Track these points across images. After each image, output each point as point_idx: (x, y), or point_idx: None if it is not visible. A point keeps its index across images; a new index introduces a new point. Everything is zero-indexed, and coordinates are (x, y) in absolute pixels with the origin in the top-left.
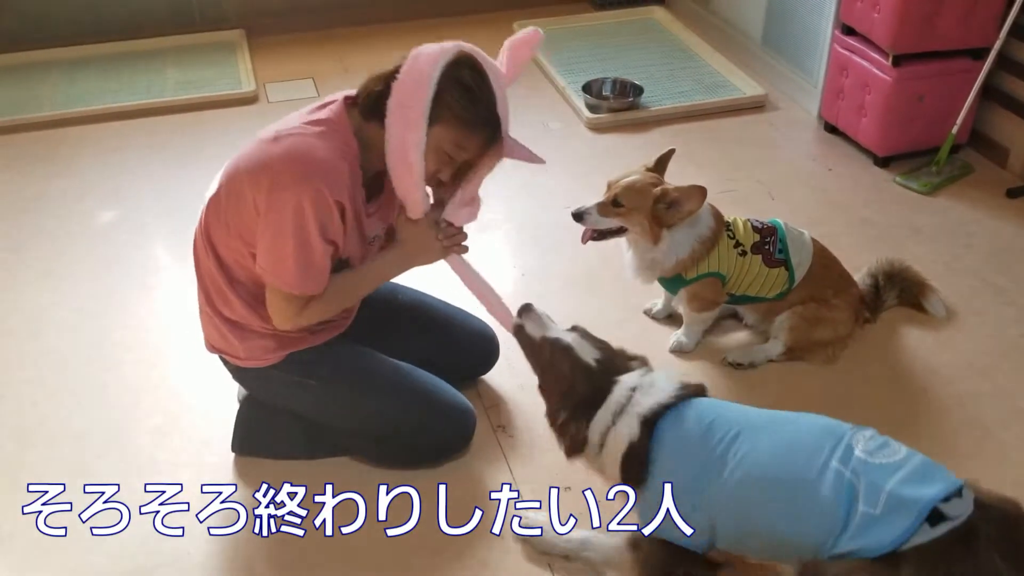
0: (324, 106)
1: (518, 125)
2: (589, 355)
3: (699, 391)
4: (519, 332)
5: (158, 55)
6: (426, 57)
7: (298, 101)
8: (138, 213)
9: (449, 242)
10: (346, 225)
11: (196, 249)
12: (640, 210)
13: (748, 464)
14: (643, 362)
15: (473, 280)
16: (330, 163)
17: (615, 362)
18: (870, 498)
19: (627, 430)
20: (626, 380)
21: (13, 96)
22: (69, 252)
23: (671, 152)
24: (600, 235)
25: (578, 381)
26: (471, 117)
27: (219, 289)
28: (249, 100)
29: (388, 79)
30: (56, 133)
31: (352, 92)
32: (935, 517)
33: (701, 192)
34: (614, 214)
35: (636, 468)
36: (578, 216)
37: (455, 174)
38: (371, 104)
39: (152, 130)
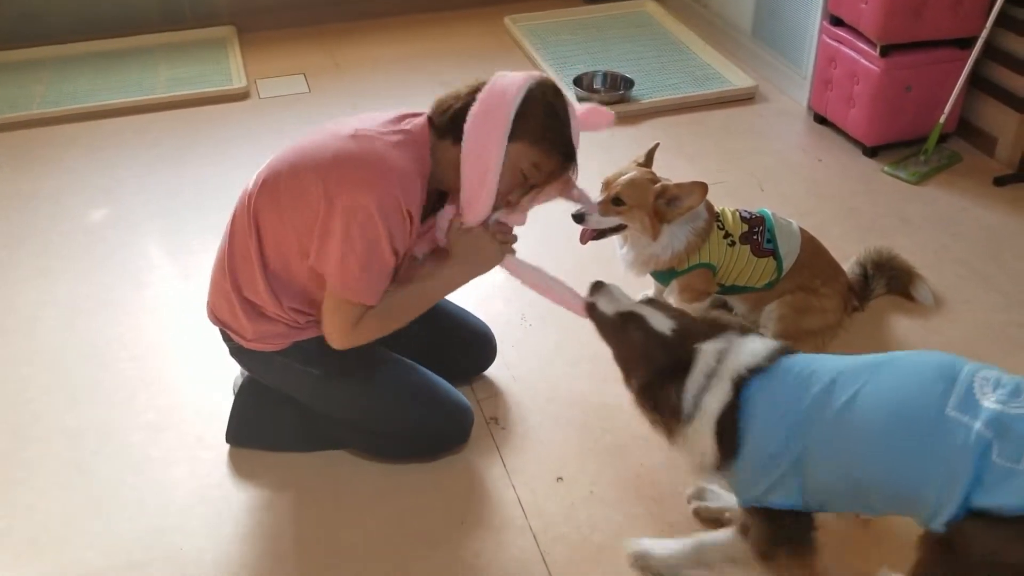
0: (406, 117)
1: None
2: (664, 325)
3: (790, 350)
4: (592, 311)
5: (149, 52)
6: (512, 77)
7: (289, 97)
8: (131, 210)
9: (504, 245)
10: (411, 236)
11: (236, 224)
12: (641, 207)
13: (853, 411)
14: (738, 327)
15: (534, 277)
16: (406, 172)
17: (694, 330)
18: (1009, 450)
19: (719, 394)
20: (709, 346)
21: (5, 94)
22: (62, 250)
23: (656, 146)
24: (599, 234)
25: (653, 351)
26: (552, 137)
27: (249, 271)
28: (240, 96)
29: (468, 97)
30: (48, 131)
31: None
32: None
33: (702, 188)
34: (615, 212)
35: (731, 434)
36: (579, 217)
37: (520, 197)
38: (448, 120)
39: (144, 127)
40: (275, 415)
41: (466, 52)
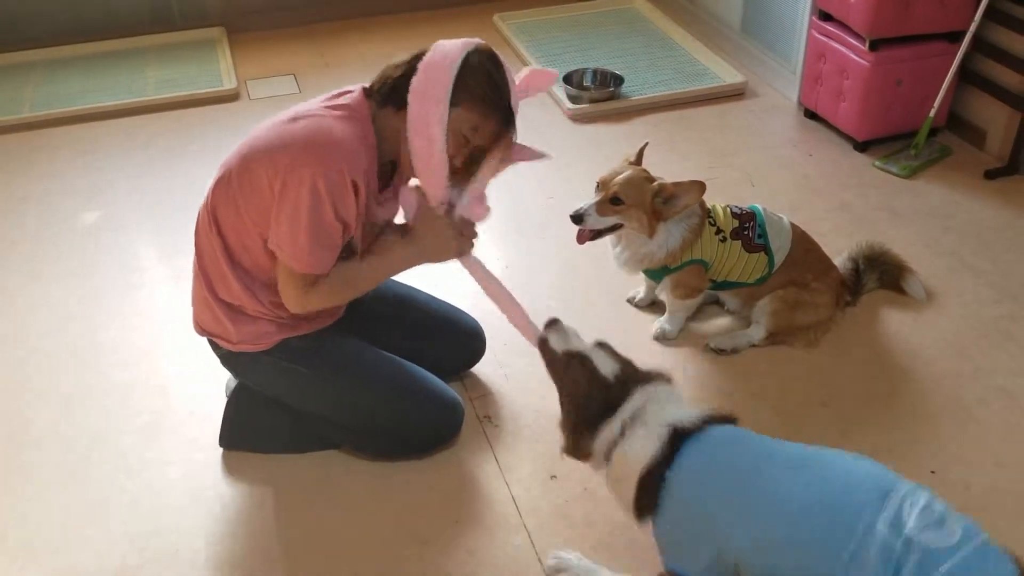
0: (343, 93)
1: None
2: (608, 369)
3: (727, 419)
4: (543, 345)
5: (138, 54)
6: (451, 45)
7: (280, 98)
8: (121, 213)
9: (464, 239)
10: (359, 207)
11: (199, 229)
12: (639, 205)
13: (780, 511)
14: (666, 379)
15: (492, 286)
16: (348, 143)
17: (635, 375)
18: None
19: (646, 447)
20: (643, 390)
21: None
22: (52, 253)
23: (646, 145)
24: (596, 234)
25: (593, 393)
26: (490, 100)
27: (219, 271)
28: (230, 97)
29: (407, 66)
30: (37, 134)
31: (366, 84)
32: None
33: (700, 186)
34: (613, 212)
35: (651, 492)
36: (577, 218)
37: (467, 163)
38: (388, 90)
39: (134, 129)
40: (267, 418)
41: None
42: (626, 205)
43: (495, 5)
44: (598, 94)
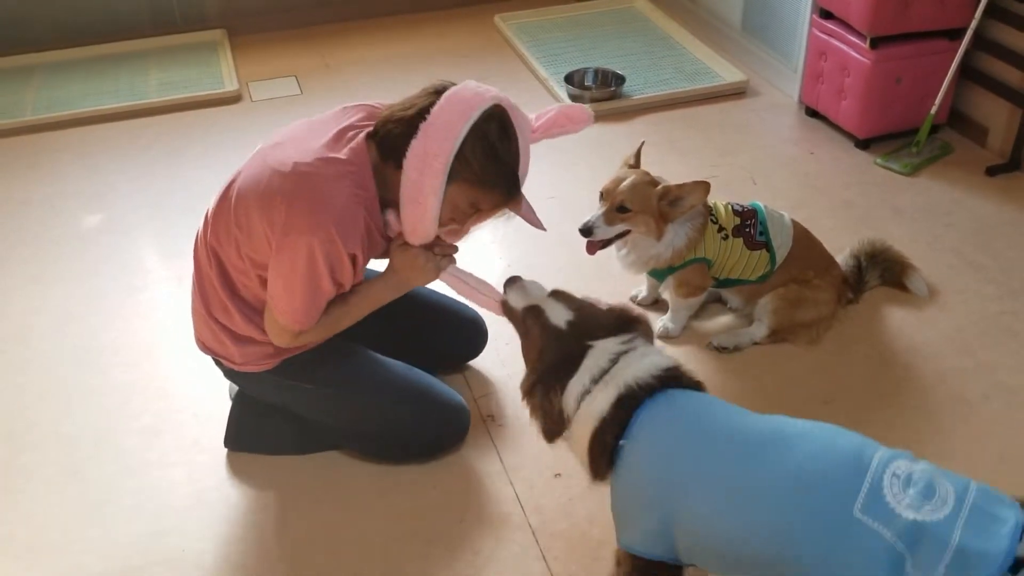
0: (347, 132)
1: None
2: (560, 317)
3: (692, 383)
4: (504, 307)
5: (140, 57)
6: (454, 106)
7: (281, 99)
8: (123, 216)
9: (443, 261)
10: (357, 271)
11: (198, 256)
12: (646, 210)
13: (752, 484)
14: (638, 324)
15: (466, 286)
16: (344, 211)
17: (592, 324)
18: (924, 560)
19: (603, 403)
20: (604, 345)
21: None
22: (55, 256)
23: (642, 144)
24: (606, 243)
25: (546, 346)
26: (490, 178)
27: (220, 300)
28: (232, 99)
29: (409, 123)
30: (39, 137)
31: (376, 113)
32: (1017, 566)
33: (704, 187)
34: (620, 220)
35: (602, 456)
36: (587, 231)
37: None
38: (389, 145)
39: (136, 132)
40: (271, 420)
41: (457, 51)
42: (633, 212)
43: (496, 6)
44: (599, 94)
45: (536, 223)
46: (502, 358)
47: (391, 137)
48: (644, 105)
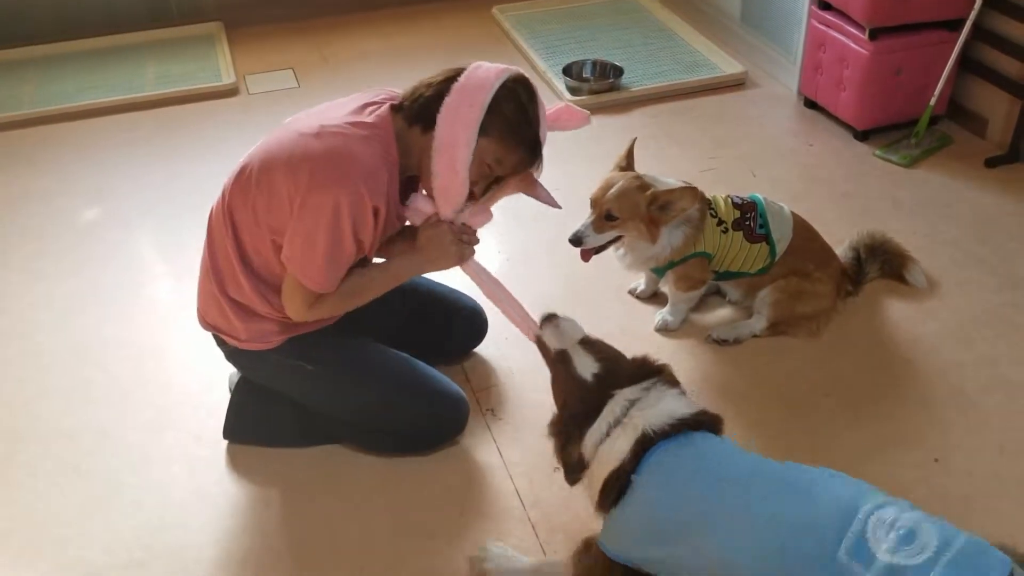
0: (369, 105)
1: None
2: (587, 369)
3: (711, 422)
4: (540, 343)
5: (137, 50)
6: (487, 69)
7: (278, 92)
8: (122, 209)
9: (467, 250)
10: (378, 229)
11: (213, 227)
12: (634, 217)
13: (743, 530)
14: (660, 372)
15: (492, 287)
16: (371, 167)
17: (618, 375)
18: None
19: (620, 447)
20: (624, 393)
21: None
22: (54, 250)
23: (634, 141)
24: (599, 249)
25: (571, 396)
26: (519, 133)
27: (231, 271)
28: (229, 92)
29: (440, 86)
30: (37, 131)
31: (396, 96)
32: None
33: (693, 192)
34: (609, 227)
35: (615, 492)
36: (576, 240)
37: (484, 189)
38: (419, 108)
39: (133, 125)
40: (271, 411)
41: (454, 43)
42: (621, 219)
43: None
44: (597, 85)
45: (551, 202)
46: (503, 352)
47: (422, 100)
48: (642, 97)
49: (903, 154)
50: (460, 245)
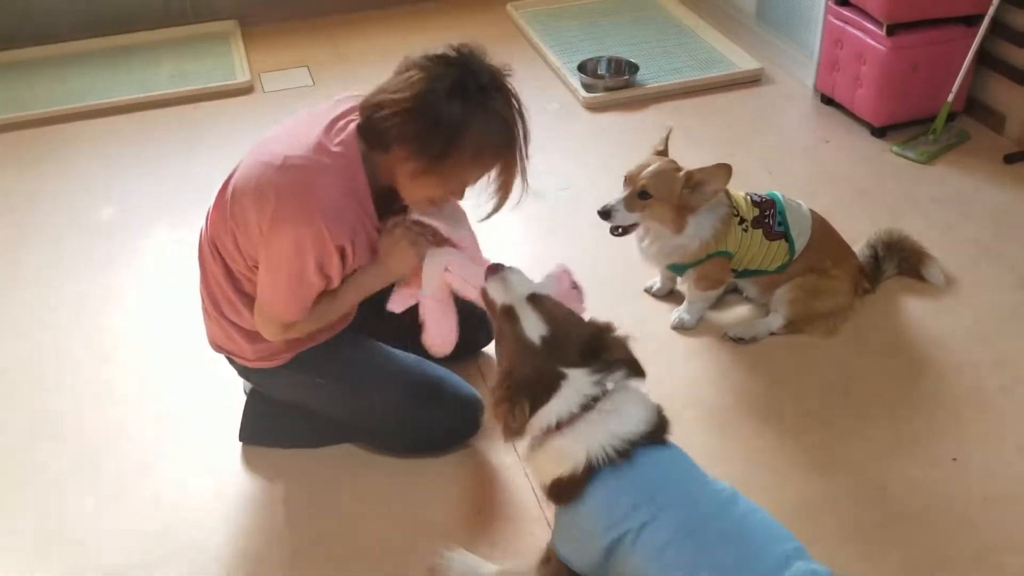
0: (337, 122)
1: None
2: (535, 330)
3: (657, 432)
4: (484, 297)
5: (151, 48)
6: None
7: (293, 90)
8: (136, 208)
9: (420, 238)
10: (346, 266)
11: (202, 254)
12: (668, 199)
13: (659, 563)
14: (612, 350)
15: (458, 278)
16: (334, 205)
17: (567, 345)
18: None
19: (572, 455)
20: (579, 382)
21: (7, 94)
22: (69, 249)
23: (670, 131)
24: (624, 230)
25: (517, 360)
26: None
27: (227, 297)
28: (244, 91)
29: (392, 107)
30: (51, 130)
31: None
32: None
33: (726, 170)
34: (641, 207)
35: (569, 493)
36: (605, 214)
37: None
38: (374, 135)
39: (148, 124)
40: (286, 414)
41: (469, 40)
42: (654, 199)
43: None
44: (613, 82)
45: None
46: None
47: (375, 124)
48: (658, 94)
49: (921, 151)
50: (415, 245)
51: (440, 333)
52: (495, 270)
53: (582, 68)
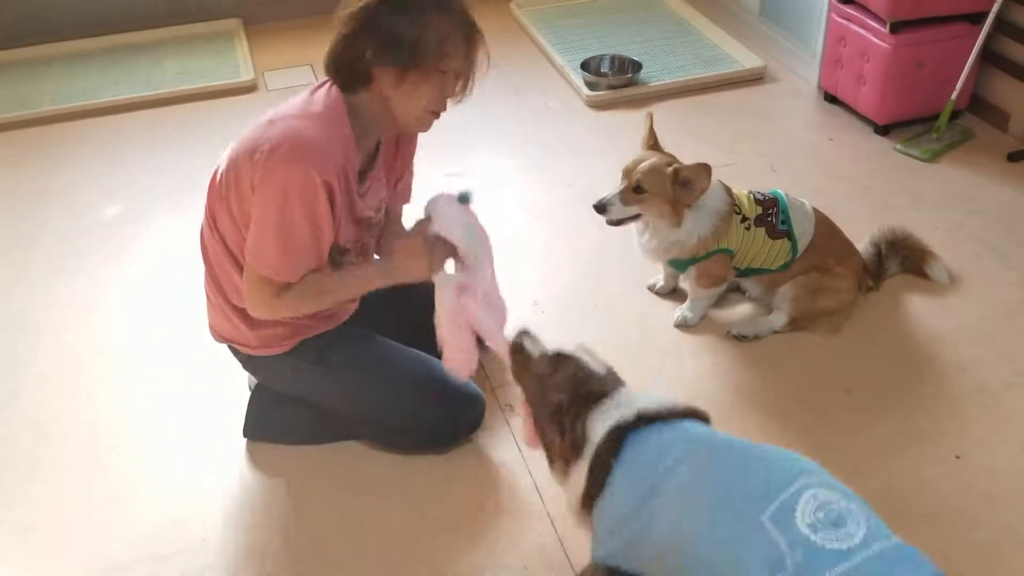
0: (319, 88)
1: (520, 105)
2: (598, 364)
3: (690, 413)
4: (516, 349)
5: (156, 47)
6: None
7: (298, 88)
8: (142, 206)
9: (437, 257)
10: (335, 210)
11: (203, 238)
12: (662, 193)
13: (678, 502)
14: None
15: (459, 312)
16: (320, 144)
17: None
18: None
19: (606, 426)
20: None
21: (13, 93)
22: (75, 247)
23: (651, 117)
24: (619, 222)
25: (584, 383)
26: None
27: (229, 277)
28: (248, 89)
29: (349, 37)
30: (57, 128)
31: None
32: None
33: (707, 169)
34: (636, 201)
35: (600, 475)
36: (601, 208)
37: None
38: (348, 74)
39: (153, 122)
40: (290, 410)
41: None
42: (649, 194)
43: None
44: (616, 80)
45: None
46: None
47: (346, 67)
48: (661, 92)
49: (924, 148)
50: (432, 255)
51: (458, 357)
52: (525, 332)
53: (585, 66)
